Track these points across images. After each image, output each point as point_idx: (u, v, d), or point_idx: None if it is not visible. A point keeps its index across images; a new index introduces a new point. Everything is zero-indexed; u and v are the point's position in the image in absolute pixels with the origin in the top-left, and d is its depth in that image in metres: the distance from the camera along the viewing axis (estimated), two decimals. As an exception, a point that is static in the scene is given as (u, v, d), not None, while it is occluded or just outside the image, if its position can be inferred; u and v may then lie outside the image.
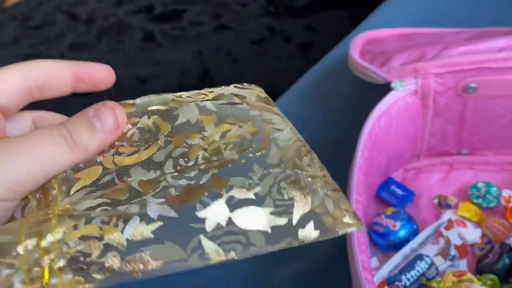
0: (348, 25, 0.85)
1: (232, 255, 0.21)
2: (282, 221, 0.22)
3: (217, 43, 1.40)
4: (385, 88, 0.53)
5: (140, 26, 1.51)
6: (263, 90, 0.32)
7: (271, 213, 0.22)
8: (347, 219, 0.23)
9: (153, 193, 0.22)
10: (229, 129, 0.26)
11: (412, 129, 0.54)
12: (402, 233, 0.51)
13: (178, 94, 0.30)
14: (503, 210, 0.52)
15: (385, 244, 0.52)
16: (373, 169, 0.51)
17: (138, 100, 0.28)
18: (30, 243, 0.20)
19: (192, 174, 0.23)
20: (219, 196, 0.22)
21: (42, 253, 0.20)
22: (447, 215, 0.53)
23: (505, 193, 0.52)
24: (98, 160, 0.25)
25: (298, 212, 0.22)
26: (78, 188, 0.23)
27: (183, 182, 0.23)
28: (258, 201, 0.22)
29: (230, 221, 0.22)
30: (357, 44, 0.58)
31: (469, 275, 0.47)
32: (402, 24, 0.69)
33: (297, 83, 0.74)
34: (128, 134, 0.26)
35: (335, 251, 0.55)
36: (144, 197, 0.22)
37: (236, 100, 0.29)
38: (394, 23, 0.70)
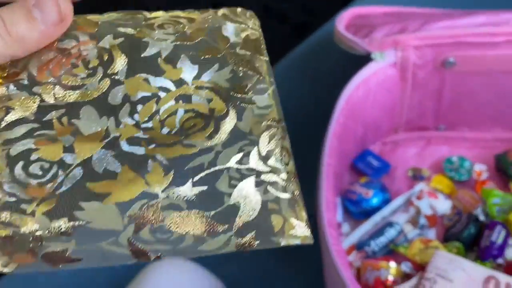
0: (344, 8, 0.86)
1: (158, 253, 0.21)
2: (221, 228, 0.21)
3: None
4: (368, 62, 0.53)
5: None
6: (257, 25, 0.27)
7: (209, 218, 0.21)
8: (294, 231, 0.22)
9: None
10: (191, 95, 0.23)
11: (390, 102, 0.55)
12: (374, 201, 0.53)
13: (153, 15, 0.26)
14: (474, 184, 0.53)
15: (357, 211, 0.53)
16: (349, 136, 0.52)
17: (105, 16, 0.25)
18: None
19: (137, 135, 0.22)
20: (154, 197, 0.21)
21: None
22: (420, 186, 0.54)
23: (477, 167, 0.54)
24: (35, 90, 0.23)
25: (241, 220, 0.21)
26: (13, 119, 0.22)
27: (125, 148, 0.22)
28: (193, 204, 0.21)
29: (162, 222, 0.21)
30: (344, 17, 0.59)
31: (435, 243, 0.48)
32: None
33: (284, 58, 0.75)
34: (76, 60, 0.24)
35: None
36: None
37: (214, 44, 0.25)
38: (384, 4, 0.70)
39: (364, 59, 0.54)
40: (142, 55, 0.24)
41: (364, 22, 0.58)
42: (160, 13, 0.27)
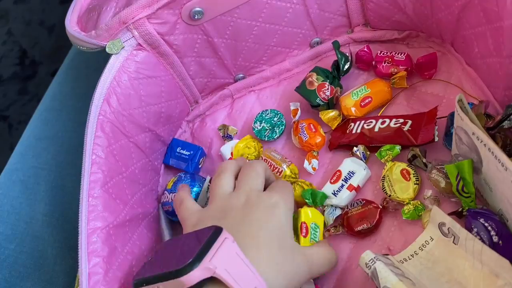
0: None
1: None
2: None
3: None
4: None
5: None
6: None
7: None
8: None
9: None
10: None
11: (165, 85, 0.46)
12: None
13: None
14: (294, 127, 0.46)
15: (182, 220, 0.46)
16: (130, 153, 0.43)
17: None
18: None
19: None
20: None
21: None
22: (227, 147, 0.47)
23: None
24: None
25: None
26: None
27: None
28: None
29: None
30: (76, 6, 0.47)
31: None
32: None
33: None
34: None
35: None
36: None
37: None
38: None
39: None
40: None
41: (93, 4, 0.47)
42: None
